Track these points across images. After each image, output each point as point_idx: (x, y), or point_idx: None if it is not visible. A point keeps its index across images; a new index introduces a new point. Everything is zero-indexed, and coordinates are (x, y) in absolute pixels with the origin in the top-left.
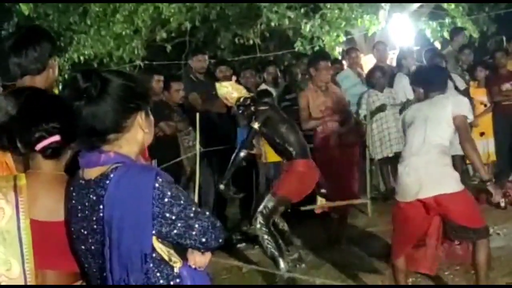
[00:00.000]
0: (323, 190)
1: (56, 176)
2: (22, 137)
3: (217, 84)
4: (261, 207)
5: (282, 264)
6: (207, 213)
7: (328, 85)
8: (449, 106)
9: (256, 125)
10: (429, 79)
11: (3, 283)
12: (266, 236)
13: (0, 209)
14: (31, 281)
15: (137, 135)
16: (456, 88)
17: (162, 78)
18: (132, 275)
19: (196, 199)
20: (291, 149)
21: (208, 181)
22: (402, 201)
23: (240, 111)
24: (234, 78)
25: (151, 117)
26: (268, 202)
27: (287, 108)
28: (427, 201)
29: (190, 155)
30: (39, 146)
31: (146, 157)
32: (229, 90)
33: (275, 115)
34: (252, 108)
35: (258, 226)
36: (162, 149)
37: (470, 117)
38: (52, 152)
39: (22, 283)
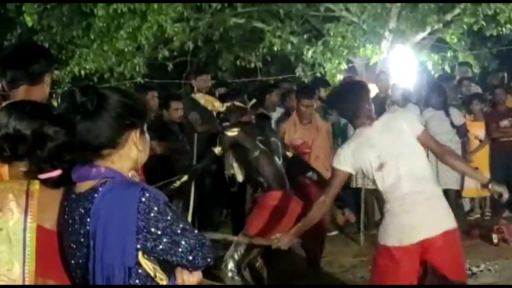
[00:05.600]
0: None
1: (68, 188)
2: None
3: (194, 96)
4: (231, 250)
5: None
6: (196, 231)
7: (314, 119)
8: (406, 129)
9: (216, 150)
10: (348, 109)
11: (2, 283)
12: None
13: (9, 210)
14: (29, 284)
15: (131, 152)
16: (452, 124)
17: (156, 94)
18: (117, 285)
19: (189, 219)
20: (261, 180)
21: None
22: (403, 245)
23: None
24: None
25: (147, 136)
26: (239, 245)
27: None
28: (435, 240)
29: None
30: (39, 177)
31: (141, 175)
32: (204, 104)
33: (246, 139)
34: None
35: (230, 274)
36: (157, 168)
37: (422, 126)
38: (52, 184)
39: (20, 284)
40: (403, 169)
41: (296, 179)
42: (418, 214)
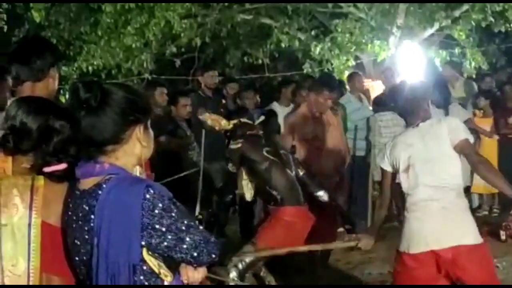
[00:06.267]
0: (340, 229)
1: (72, 184)
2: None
3: (201, 117)
4: (236, 259)
5: None
6: (201, 227)
7: (325, 112)
8: (444, 136)
9: (230, 167)
10: (407, 106)
11: (6, 278)
12: None
13: (14, 206)
14: (34, 280)
15: (135, 147)
16: None
17: (165, 91)
18: (119, 285)
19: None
20: (275, 193)
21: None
22: (411, 253)
23: None
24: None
25: (151, 131)
26: (245, 255)
27: None
28: (443, 254)
29: (193, 171)
30: (44, 170)
31: (148, 172)
32: (211, 124)
33: (251, 151)
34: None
35: (232, 283)
36: (165, 164)
37: (470, 137)
38: (57, 177)
39: (25, 281)
40: (427, 175)
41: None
42: (429, 223)
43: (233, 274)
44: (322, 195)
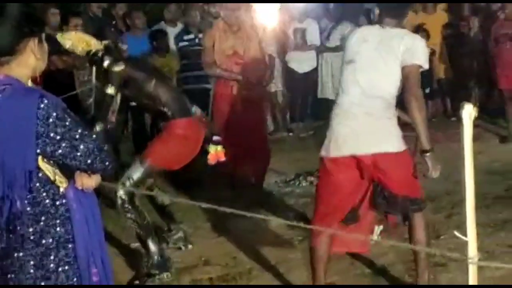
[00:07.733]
0: (216, 138)
1: None
2: None
3: (58, 36)
4: (124, 176)
5: (151, 246)
6: (94, 136)
7: (243, 26)
8: (398, 51)
9: (110, 90)
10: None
11: None
12: (128, 215)
13: None
14: None
15: (29, 59)
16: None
17: (57, 11)
18: (16, 191)
19: None
20: (165, 109)
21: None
22: (331, 156)
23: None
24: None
25: (45, 45)
26: (133, 172)
27: (184, 48)
28: (364, 159)
29: (85, 89)
30: None
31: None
32: (73, 44)
33: (135, 71)
34: (105, 65)
35: (120, 202)
36: (57, 83)
37: (426, 66)
38: None
39: None
40: (363, 77)
41: None
42: (350, 127)
43: (120, 192)
44: (194, 110)
